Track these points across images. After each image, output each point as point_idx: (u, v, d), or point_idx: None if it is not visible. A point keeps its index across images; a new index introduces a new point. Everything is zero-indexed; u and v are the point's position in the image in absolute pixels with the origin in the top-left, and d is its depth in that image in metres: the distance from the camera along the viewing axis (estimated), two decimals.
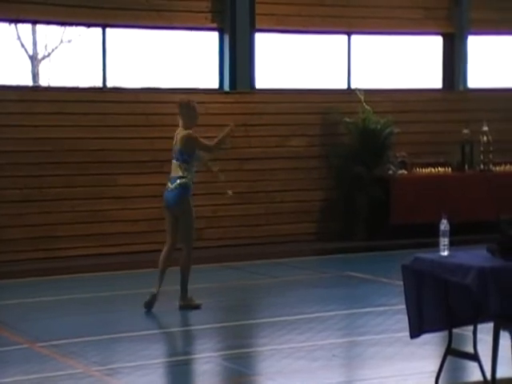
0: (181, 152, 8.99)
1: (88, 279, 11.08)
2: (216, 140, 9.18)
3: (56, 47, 14.41)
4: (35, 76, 14.66)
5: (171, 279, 9.03)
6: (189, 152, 8.98)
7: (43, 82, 13.96)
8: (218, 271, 11.28)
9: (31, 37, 14.49)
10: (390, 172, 13.90)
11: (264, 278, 9.38)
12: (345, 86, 14.72)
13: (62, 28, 13.54)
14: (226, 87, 13.61)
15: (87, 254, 12.15)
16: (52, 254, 12.02)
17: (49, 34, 13.94)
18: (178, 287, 8.91)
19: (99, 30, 12.84)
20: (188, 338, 7.83)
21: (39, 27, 13.59)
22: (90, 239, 12.37)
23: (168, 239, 9.08)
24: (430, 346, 7.13)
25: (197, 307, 8.83)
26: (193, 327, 8.24)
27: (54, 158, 12.23)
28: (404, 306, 5.90)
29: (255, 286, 9.14)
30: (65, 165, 12.29)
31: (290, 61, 14.55)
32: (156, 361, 7.01)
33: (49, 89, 13.18)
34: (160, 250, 12.42)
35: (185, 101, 9.28)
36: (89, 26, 12.99)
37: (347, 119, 13.84)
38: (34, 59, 14.72)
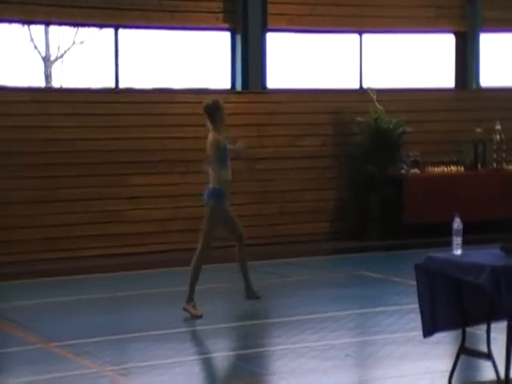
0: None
1: (101, 279, 11.11)
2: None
3: (68, 48, 14.49)
4: (48, 77, 14.72)
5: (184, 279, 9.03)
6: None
7: (56, 83, 14.05)
8: (231, 271, 11.27)
9: (44, 38, 14.55)
10: (403, 171, 13.87)
11: (277, 278, 9.39)
12: (357, 86, 14.70)
13: (75, 29, 13.59)
14: (239, 87, 13.62)
15: (100, 255, 12.17)
16: (65, 254, 12.04)
17: (61, 35, 14.01)
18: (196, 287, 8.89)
19: (111, 30, 12.86)
20: (201, 338, 7.85)
21: (52, 28, 13.64)
22: (102, 239, 12.39)
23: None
24: (443, 345, 7.11)
25: (196, 317, 8.56)
26: (206, 327, 8.24)
27: (67, 158, 12.26)
28: (417, 306, 5.89)
29: (268, 286, 9.15)
30: (77, 165, 12.32)
31: (302, 60, 14.55)
32: (169, 360, 7.02)
33: (61, 90, 13.23)
34: (173, 250, 12.54)
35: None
36: (101, 27, 13.02)
37: (359, 119, 13.82)
38: (47, 60, 14.79)
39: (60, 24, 13.04)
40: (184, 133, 12.97)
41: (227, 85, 13.78)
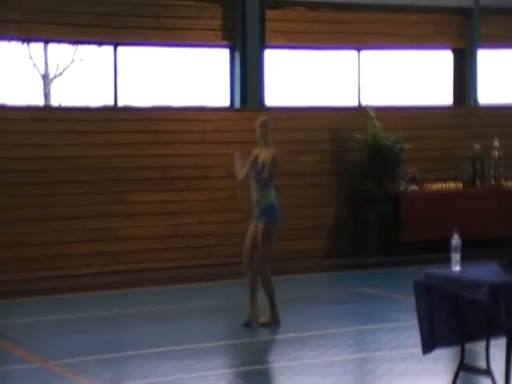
0: None
1: (100, 297, 11.08)
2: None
3: (67, 66, 14.52)
4: (47, 95, 14.75)
5: (182, 296, 9.02)
6: None
7: (55, 101, 14.05)
8: (228, 288, 11.27)
9: (43, 56, 14.59)
10: (401, 188, 13.89)
11: (275, 295, 9.35)
12: (355, 103, 14.76)
13: (74, 47, 13.63)
14: (237, 104, 13.67)
15: (99, 272, 12.17)
16: (64, 272, 12.04)
17: (60, 53, 14.03)
18: (187, 305, 8.88)
19: (110, 48, 12.93)
20: (200, 355, 7.82)
21: (51, 46, 13.69)
22: (101, 257, 12.39)
23: None
24: (443, 362, 7.10)
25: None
26: (204, 344, 8.22)
27: (66, 176, 12.27)
28: (416, 322, 5.88)
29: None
30: (76, 183, 12.34)
31: (301, 77, 14.61)
32: (169, 378, 7.00)
33: (60, 108, 13.27)
34: (172, 268, 12.53)
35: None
36: (100, 44, 13.08)
37: (358, 136, 13.85)
38: (46, 78, 14.83)
39: (59, 42, 13.10)
40: (183, 150, 12.99)
41: (226, 102, 13.82)
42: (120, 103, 13.18)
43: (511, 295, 5.36)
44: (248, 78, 13.58)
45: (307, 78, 14.65)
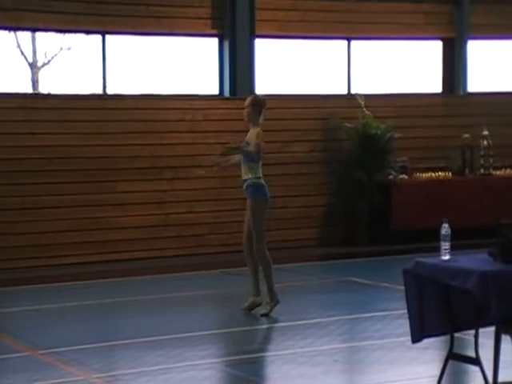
0: None
1: (88, 286, 11.06)
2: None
3: (56, 54, 14.42)
4: (35, 83, 14.66)
5: (172, 286, 9.01)
6: None
7: (43, 89, 13.94)
8: (219, 277, 11.28)
9: (31, 44, 14.50)
10: (391, 177, 13.89)
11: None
12: (345, 92, 14.73)
13: (62, 35, 13.54)
14: (227, 93, 13.62)
15: (87, 262, 12.13)
16: (52, 261, 12.00)
17: (48, 41, 13.94)
18: (178, 294, 8.88)
19: (99, 36, 12.85)
20: (189, 344, 7.81)
21: (39, 35, 13.60)
22: (90, 246, 12.36)
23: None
24: (432, 351, 7.11)
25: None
26: (194, 333, 8.21)
27: (54, 165, 12.22)
28: (405, 311, 5.88)
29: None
30: (64, 172, 12.28)
31: (291, 66, 14.56)
32: (158, 367, 6.99)
33: (49, 96, 13.18)
34: (161, 257, 12.50)
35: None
36: (88, 33, 13.00)
37: (348, 124, 13.84)
38: (34, 67, 14.73)
39: (47, 30, 13.01)
40: (172, 139, 12.95)
41: (215, 91, 13.78)
42: (109, 92, 13.11)
43: (500, 284, 5.36)
44: (238, 67, 13.53)
45: (297, 67, 14.61)
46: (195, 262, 12.39)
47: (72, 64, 13.58)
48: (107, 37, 12.91)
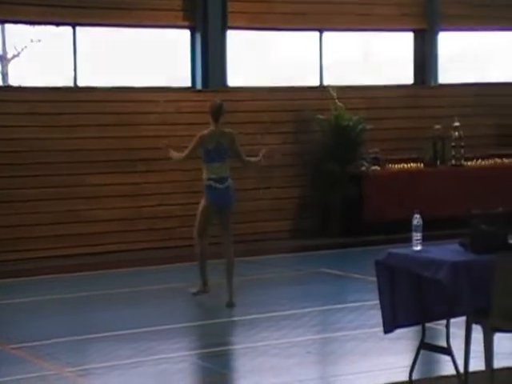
0: (229, 150, 9.11)
1: (61, 280, 10.99)
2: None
3: (26, 47, 14.28)
4: (5, 76, 14.51)
5: (145, 279, 8.97)
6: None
7: (13, 81, 13.80)
8: (190, 270, 11.23)
9: (0, 36, 14.36)
10: (363, 168, 13.93)
11: (237, 277, 9.36)
12: (317, 84, 14.74)
13: (32, 27, 13.42)
14: (199, 85, 13.57)
15: (61, 255, 12.06)
16: (24, 255, 11.91)
17: (18, 33, 13.81)
18: (151, 287, 8.85)
19: (69, 28, 12.75)
20: (161, 338, 7.80)
21: (8, 26, 13.47)
22: (63, 239, 12.28)
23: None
24: (404, 341, 7.15)
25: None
26: (166, 327, 8.20)
27: (26, 158, 12.13)
28: (378, 302, 5.91)
29: (241, 283, 9.14)
30: (36, 165, 12.19)
31: (263, 58, 14.55)
32: (130, 361, 6.98)
33: (19, 89, 13.07)
34: (135, 250, 12.46)
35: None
36: (58, 24, 12.89)
37: (320, 116, 13.85)
38: (4, 59, 14.57)
39: (16, 22, 12.90)
40: (144, 131, 12.90)
41: (187, 83, 13.72)
42: (80, 84, 13.02)
43: (471, 274, 5.39)
44: (209, 59, 13.48)
45: (269, 58, 14.60)
46: (167, 255, 12.36)
47: (42, 56, 13.47)
48: (78, 29, 12.80)
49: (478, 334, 5.59)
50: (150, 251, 12.45)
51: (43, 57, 13.44)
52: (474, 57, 16.20)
